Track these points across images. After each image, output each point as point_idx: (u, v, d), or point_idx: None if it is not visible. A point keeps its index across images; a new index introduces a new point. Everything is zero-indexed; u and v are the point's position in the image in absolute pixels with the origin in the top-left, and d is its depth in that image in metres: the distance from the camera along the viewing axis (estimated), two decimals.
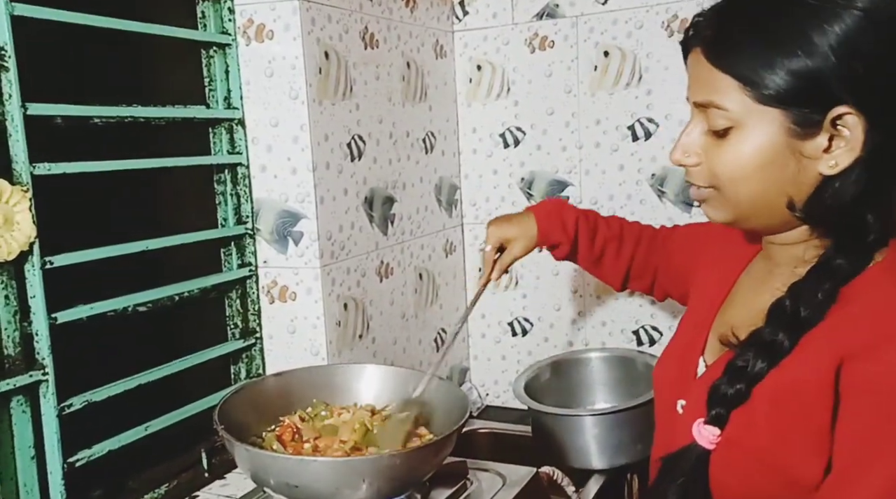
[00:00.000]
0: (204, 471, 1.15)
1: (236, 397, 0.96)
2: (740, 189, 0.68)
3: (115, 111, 1.05)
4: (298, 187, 1.23)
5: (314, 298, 1.25)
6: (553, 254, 1.13)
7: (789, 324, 0.65)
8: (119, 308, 1.05)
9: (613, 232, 1.11)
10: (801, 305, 0.64)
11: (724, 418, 0.66)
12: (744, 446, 0.65)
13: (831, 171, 0.65)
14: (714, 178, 0.69)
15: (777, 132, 0.65)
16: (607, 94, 1.53)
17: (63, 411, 0.95)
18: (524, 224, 1.09)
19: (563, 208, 1.10)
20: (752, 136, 0.65)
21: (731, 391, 0.66)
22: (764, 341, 0.65)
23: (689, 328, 0.82)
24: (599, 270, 1.14)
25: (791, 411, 0.63)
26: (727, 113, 0.66)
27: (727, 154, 0.67)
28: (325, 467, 0.83)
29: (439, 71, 1.60)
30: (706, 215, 0.74)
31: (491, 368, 1.72)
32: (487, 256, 1.09)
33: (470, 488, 1.00)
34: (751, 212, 0.69)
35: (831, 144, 0.64)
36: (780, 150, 0.65)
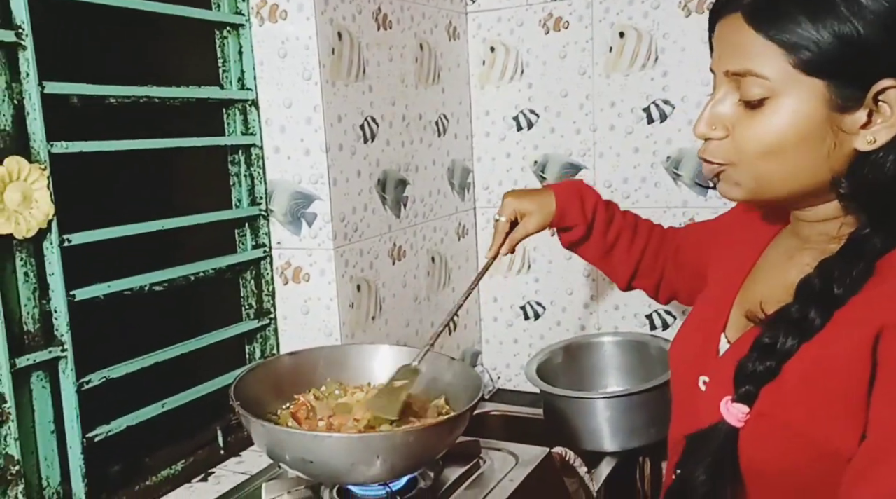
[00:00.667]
0: (220, 448, 1.17)
1: (252, 374, 0.97)
2: (770, 164, 0.65)
3: (129, 91, 1.06)
4: (312, 169, 1.24)
5: (327, 280, 1.25)
6: (562, 238, 1.09)
7: (820, 301, 0.63)
8: (136, 287, 1.06)
9: (629, 222, 1.08)
10: (833, 283, 0.63)
11: (754, 395, 0.65)
12: (777, 420, 0.64)
13: (868, 147, 0.63)
14: (739, 153, 0.66)
15: (817, 104, 0.62)
16: (622, 76, 1.51)
17: (82, 387, 0.96)
18: (542, 200, 1.05)
19: (583, 190, 1.06)
20: (790, 107, 0.63)
21: (760, 368, 0.64)
22: (793, 319, 0.64)
23: (710, 305, 0.80)
24: (608, 262, 1.09)
25: (826, 385, 0.62)
26: (766, 81, 0.63)
27: (761, 126, 0.64)
28: (340, 443, 0.84)
29: (452, 53, 1.59)
30: (721, 192, 0.71)
31: (503, 352, 1.72)
32: (500, 226, 1.05)
33: (483, 466, 1.01)
34: (773, 187, 0.67)
35: (870, 120, 0.62)
36: (819, 123, 0.63)
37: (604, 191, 1.57)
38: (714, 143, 0.68)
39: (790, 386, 0.64)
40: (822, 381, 0.62)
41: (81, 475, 0.96)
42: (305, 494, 0.93)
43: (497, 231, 1.06)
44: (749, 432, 0.66)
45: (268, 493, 0.92)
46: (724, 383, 0.68)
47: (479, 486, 0.96)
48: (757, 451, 0.66)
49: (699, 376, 0.74)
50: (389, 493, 0.90)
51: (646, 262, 1.08)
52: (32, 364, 0.91)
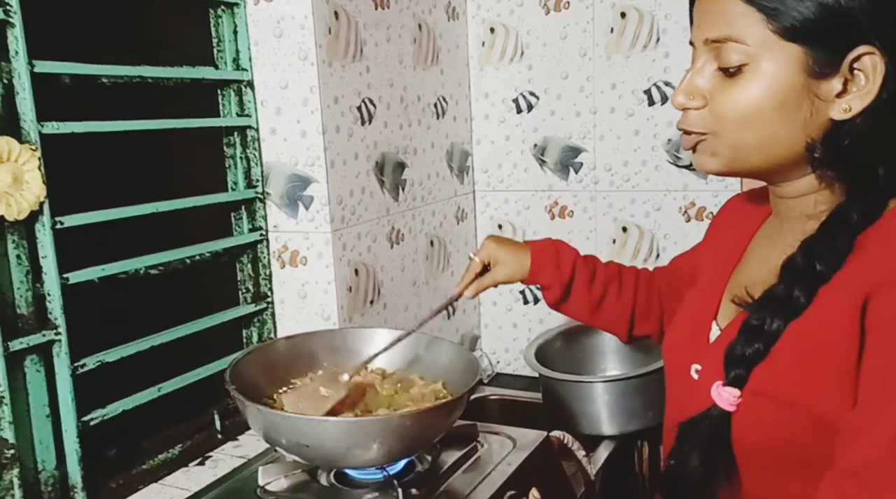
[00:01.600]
0: (217, 432, 1.16)
1: (248, 358, 0.97)
2: (747, 132, 0.65)
3: (122, 71, 1.04)
4: (308, 151, 1.22)
5: (325, 263, 1.24)
6: (546, 297, 1.05)
7: (804, 279, 0.63)
8: (131, 270, 1.05)
9: (612, 273, 1.05)
10: (815, 260, 0.63)
11: (744, 378, 0.65)
12: (770, 397, 0.64)
13: (843, 115, 0.63)
14: (717, 121, 0.66)
15: (795, 70, 0.62)
16: (623, 57, 1.49)
17: (76, 370, 0.95)
18: (519, 253, 1.02)
19: (560, 249, 1.03)
20: (769, 73, 0.63)
21: (749, 351, 0.64)
22: (779, 298, 0.64)
23: (700, 295, 0.80)
24: (600, 317, 1.05)
25: (816, 358, 0.62)
26: (745, 47, 0.63)
27: (739, 94, 0.64)
28: (337, 427, 0.83)
29: (451, 33, 1.57)
30: (697, 165, 0.71)
31: (502, 336, 1.72)
32: (472, 265, 1.02)
33: (480, 450, 1.01)
34: (749, 156, 0.66)
35: (846, 88, 0.63)
36: (797, 90, 0.63)
37: (604, 174, 1.56)
38: (692, 113, 0.68)
39: (781, 363, 0.64)
40: (813, 354, 0.62)
41: (77, 459, 0.95)
42: (302, 478, 0.93)
43: (468, 269, 1.03)
44: (743, 412, 0.66)
45: (264, 477, 0.92)
46: (716, 370, 0.68)
47: (477, 469, 0.96)
48: (751, 431, 0.66)
49: (691, 365, 0.74)
50: (387, 476, 0.90)
51: (640, 307, 1.05)
52: (26, 348, 0.90)
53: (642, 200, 1.53)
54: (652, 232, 1.53)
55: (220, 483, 1.00)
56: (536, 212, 1.63)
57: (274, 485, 0.91)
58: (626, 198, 1.54)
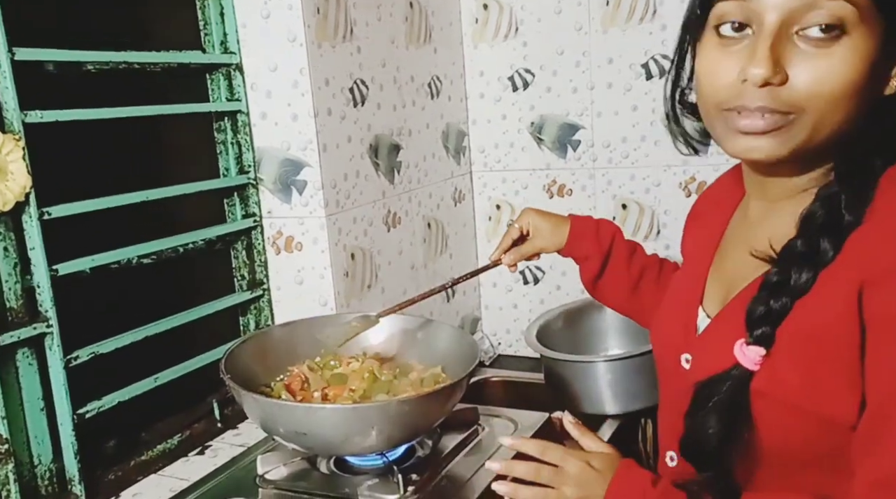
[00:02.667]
0: (216, 421, 1.15)
1: (243, 347, 0.95)
2: (837, 110, 0.59)
3: (107, 56, 1.01)
4: (300, 135, 1.20)
5: (320, 249, 1.22)
6: (582, 274, 1.02)
7: (830, 229, 0.60)
8: (122, 260, 1.03)
9: (653, 260, 1.02)
10: (842, 209, 0.60)
11: (770, 336, 0.61)
12: (773, 398, 0.62)
13: (890, 91, 0.60)
14: (810, 96, 0.58)
15: (876, 45, 0.58)
16: (620, 31, 1.46)
17: (70, 363, 0.94)
18: (558, 223, 1.00)
19: (601, 223, 1.01)
20: (860, 45, 0.57)
21: (776, 305, 0.61)
22: (802, 252, 0.61)
23: (684, 281, 0.78)
24: (636, 301, 1.01)
25: (817, 350, 0.60)
26: (852, 11, 0.56)
27: (834, 66, 0.57)
28: (334, 415, 0.82)
29: (444, 11, 1.54)
30: (759, 150, 0.61)
31: (503, 318, 1.71)
32: (511, 230, 1.01)
33: (481, 433, 1.00)
34: (822, 137, 0.61)
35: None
36: (877, 66, 0.59)
37: (602, 151, 1.53)
38: (775, 89, 0.59)
39: (781, 363, 0.62)
40: (813, 346, 0.60)
41: (73, 452, 0.94)
42: (301, 465, 0.92)
43: (506, 235, 1.02)
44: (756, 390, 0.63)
45: (263, 466, 0.91)
46: (708, 359, 0.66)
47: (478, 453, 0.95)
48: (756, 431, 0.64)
49: (681, 355, 0.72)
50: (387, 462, 0.89)
51: None
52: (17, 341, 0.89)
53: (642, 176, 1.51)
54: (652, 208, 1.51)
55: (219, 473, 0.99)
56: (535, 191, 1.61)
57: (273, 473, 0.90)
58: (626, 174, 1.52)
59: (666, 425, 0.78)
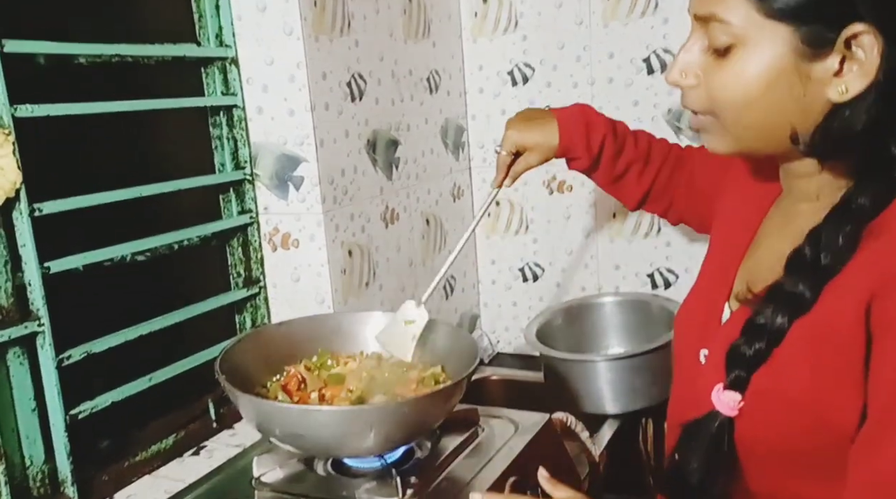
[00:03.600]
0: (212, 421, 1.14)
1: (238, 346, 0.94)
2: (742, 115, 0.62)
3: (99, 49, 0.99)
4: (297, 129, 1.18)
5: (318, 245, 1.21)
6: (569, 165, 1.05)
7: (810, 273, 0.60)
8: (116, 257, 1.01)
9: (640, 152, 1.03)
10: (820, 252, 0.60)
11: (745, 381, 0.62)
12: (775, 395, 0.61)
13: (841, 97, 0.59)
14: (713, 102, 0.63)
15: (784, 51, 0.59)
16: (621, 25, 1.44)
17: (62, 362, 0.92)
18: (546, 131, 0.99)
19: (590, 120, 1.01)
20: (757, 55, 0.60)
21: (749, 352, 0.61)
22: (784, 294, 0.61)
23: (714, 272, 0.77)
24: (616, 189, 1.06)
25: (822, 355, 0.59)
26: (731, 27, 0.60)
27: (728, 75, 0.61)
28: (331, 417, 0.80)
29: (443, 4, 1.51)
30: (707, 146, 0.68)
31: (502, 315, 1.69)
32: (501, 159, 1.01)
33: (481, 435, 0.98)
34: (753, 142, 0.64)
35: (842, 68, 0.59)
36: (787, 71, 0.59)
37: None
38: (690, 91, 0.65)
39: (786, 360, 0.61)
40: (819, 351, 0.59)
41: (66, 453, 0.93)
42: (298, 467, 0.90)
43: (499, 165, 1.02)
44: (746, 411, 0.63)
45: (259, 467, 0.89)
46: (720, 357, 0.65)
47: (478, 455, 0.93)
48: (755, 430, 0.63)
49: (700, 349, 0.71)
50: (385, 465, 0.87)
51: (657, 188, 1.05)
52: (7, 340, 0.87)
53: None
54: None
55: (214, 475, 0.97)
56: (534, 187, 1.59)
57: (269, 476, 0.89)
58: None
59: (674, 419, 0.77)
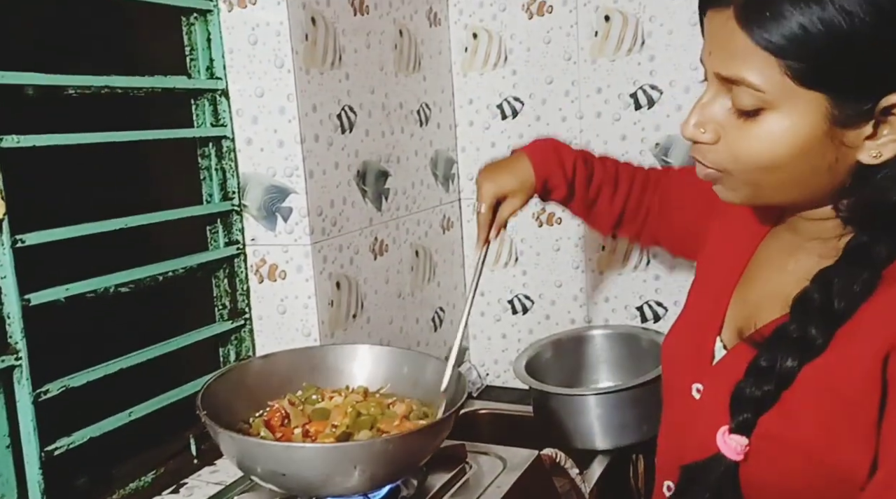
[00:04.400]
0: (193, 457, 1.11)
1: (221, 380, 0.92)
2: (766, 176, 0.60)
3: (89, 81, 0.99)
4: (286, 161, 1.18)
5: (305, 277, 1.20)
6: (547, 197, 1.01)
7: (821, 318, 0.58)
8: (99, 289, 0.99)
9: (609, 174, 1.02)
10: (834, 297, 0.58)
11: (752, 424, 0.60)
12: (783, 440, 0.60)
13: (874, 161, 0.57)
14: (733, 162, 0.60)
15: (818, 119, 0.56)
16: (608, 61, 1.46)
17: (39, 397, 0.90)
18: (520, 171, 0.96)
19: (560, 150, 0.99)
20: (789, 121, 0.57)
21: (758, 394, 0.60)
22: (792, 338, 0.59)
23: (704, 303, 0.75)
24: (591, 215, 1.04)
25: (834, 404, 0.58)
26: (760, 93, 0.56)
27: (756, 139, 0.58)
28: (314, 454, 0.78)
29: (433, 39, 1.53)
30: (720, 196, 0.66)
31: (491, 348, 1.68)
32: (483, 218, 0.96)
33: (469, 472, 0.96)
34: (771, 196, 0.62)
35: (876, 131, 0.57)
36: (821, 138, 0.57)
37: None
38: (705, 146, 0.62)
39: (795, 405, 0.59)
40: (830, 400, 0.58)
41: (40, 491, 0.90)
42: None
43: (480, 222, 0.98)
44: (752, 457, 0.61)
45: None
46: (718, 395, 0.64)
47: (466, 493, 0.91)
48: (760, 476, 0.61)
49: (693, 384, 0.70)
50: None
51: (629, 209, 1.03)
52: None
53: None
54: None
55: None
56: (524, 219, 1.59)
57: None
58: None
59: (666, 453, 0.75)
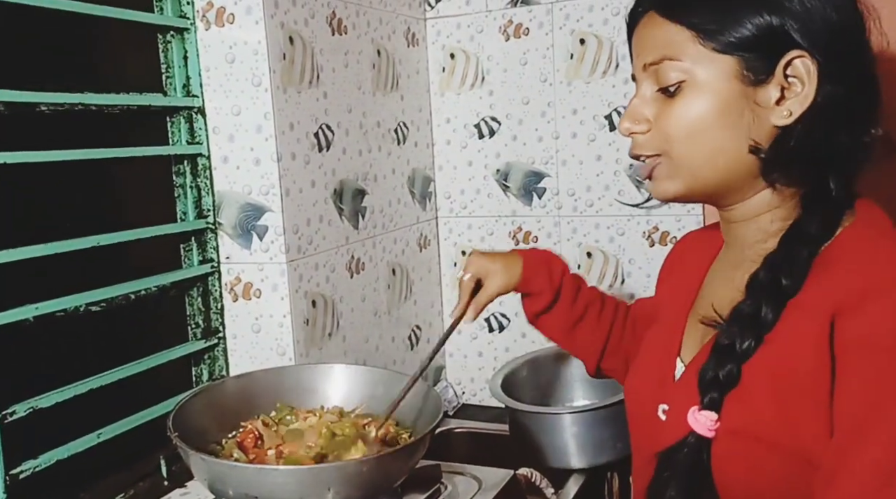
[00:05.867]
0: (163, 479, 1.09)
1: (193, 401, 0.91)
2: (696, 147, 0.65)
3: (63, 98, 0.98)
4: (262, 179, 1.18)
5: (280, 295, 1.19)
6: (527, 308, 1.01)
7: (770, 294, 0.62)
8: (70, 308, 0.98)
9: (595, 296, 1.02)
10: (780, 275, 0.62)
11: (719, 401, 0.62)
12: (748, 433, 0.61)
13: (786, 121, 0.64)
14: (666, 141, 0.67)
15: (731, 80, 0.64)
16: (584, 83, 1.49)
17: (5, 418, 0.88)
18: (508, 261, 0.98)
19: (551, 258, 1.01)
20: (706, 86, 0.65)
21: (721, 373, 0.62)
22: (746, 315, 0.62)
23: (661, 333, 0.78)
24: (575, 338, 1.01)
25: (790, 387, 0.59)
26: (681, 64, 0.65)
27: (681, 110, 0.65)
28: (287, 476, 0.78)
29: (411, 59, 1.55)
30: (656, 192, 0.70)
31: (467, 366, 1.68)
32: (465, 285, 0.97)
33: (444, 492, 0.96)
34: (706, 174, 0.66)
35: (783, 95, 0.64)
36: (735, 98, 0.64)
37: (567, 199, 1.54)
38: (640, 137, 0.69)
39: (757, 393, 0.61)
40: (786, 386, 0.60)
41: None
42: None
43: (462, 290, 0.98)
44: (721, 447, 0.63)
45: None
46: (685, 408, 0.65)
47: None
48: (730, 470, 0.63)
49: (658, 405, 0.71)
50: None
51: (613, 338, 1.01)
52: None
53: (606, 224, 1.52)
54: (616, 257, 1.52)
55: None
56: (500, 238, 1.60)
57: None
58: (590, 223, 1.53)
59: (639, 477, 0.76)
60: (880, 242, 0.63)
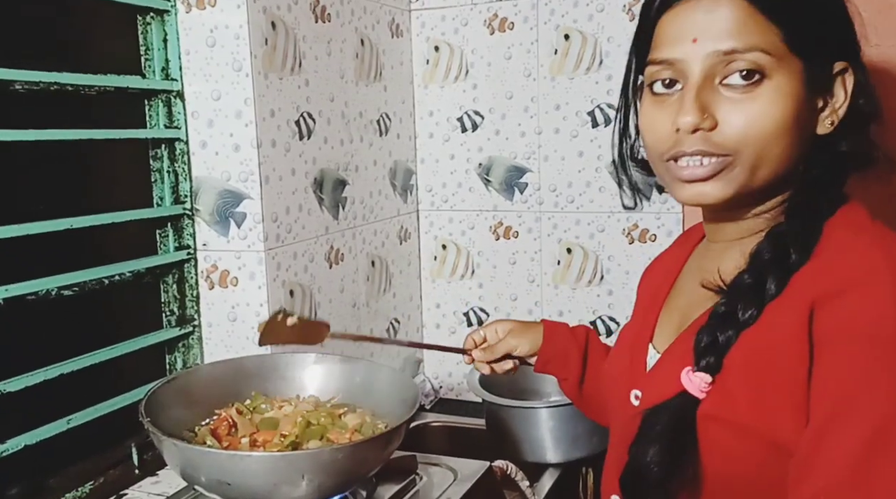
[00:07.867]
0: (134, 467, 1.07)
1: (166, 388, 0.89)
2: (772, 149, 0.62)
3: (38, 76, 0.96)
4: (242, 165, 1.16)
5: (257, 284, 1.18)
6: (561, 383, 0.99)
7: (776, 267, 0.62)
8: (41, 291, 0.96)
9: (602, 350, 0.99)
10: (790, 248, 0.62)
11: (715, 366, 0.62)
12: (724, 421, 0.61)
13: (827, 130, 0.64)
14: (743, 138, 0.61)
15: (799, 84, 0.63)
16: (567, 79, 1.49)
17: None
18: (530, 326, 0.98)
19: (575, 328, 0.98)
20: (784, 86, 0.62)
21: (722, 337, 0.62)
22: (749, 286, 0.62)
23: (635, 321, 0.79)
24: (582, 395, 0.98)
25: (767, 371, 0.60)
26: (771, 59, 0.61)
27: (760, 107, 0.61)
28: (260, 463, 0.77)
29: (395, 50, 1.54)
30: (706, 195, 0.64)
31: (445, 360, 1.67)
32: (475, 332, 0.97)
33: (419, 483, 0.96)
34: (762, 178, 0.64)
35: (827, 102, 0.64)
36: (803, 103, 0.63)
37: (548, 195, 1.54)
38: (707, 134, 0.62)
39: (733, 385, 0.62)
40: (764, 374, 0.60)
41: None
42: None
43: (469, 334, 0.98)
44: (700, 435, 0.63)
45: None
46: (657, 393, 0.65)
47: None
48: (707, 457, 0.63)
49: (630, 391, 0.71)
50: None
51: None
52: None
53: (586, 221, 1.52)
54: (596, 253, 1.52)
55: None
56: (481, 232, 1.60)
57: None
58: (571, 219, 1.53)
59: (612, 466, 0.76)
60: (859, 236, 0.63)
